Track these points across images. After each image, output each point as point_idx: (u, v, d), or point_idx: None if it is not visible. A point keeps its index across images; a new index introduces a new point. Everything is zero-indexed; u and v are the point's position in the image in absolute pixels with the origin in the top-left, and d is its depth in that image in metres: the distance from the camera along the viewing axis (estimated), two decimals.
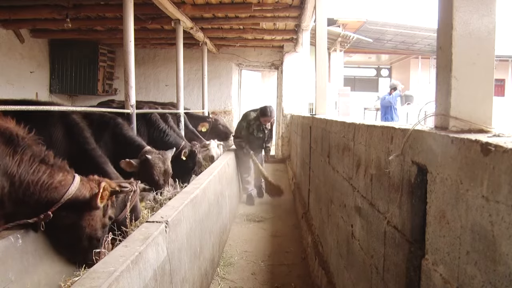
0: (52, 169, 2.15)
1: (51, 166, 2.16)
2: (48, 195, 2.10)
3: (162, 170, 3.60)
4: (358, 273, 1.91)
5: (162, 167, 3.60)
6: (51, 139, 2.98)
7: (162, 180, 3.62)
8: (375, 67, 20.05)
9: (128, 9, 4.03)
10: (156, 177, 3.54)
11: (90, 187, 2.27)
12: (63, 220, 2.17)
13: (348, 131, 2.22)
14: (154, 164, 3.53)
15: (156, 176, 3.54)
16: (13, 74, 8.13)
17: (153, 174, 3.52)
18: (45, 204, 2.10)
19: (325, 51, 4.88)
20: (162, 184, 3.63)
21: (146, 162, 3.49)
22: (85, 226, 2.25)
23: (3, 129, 2.08)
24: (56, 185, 2.13)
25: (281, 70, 9.87)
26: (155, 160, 3.55)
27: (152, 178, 3.50)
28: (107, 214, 2.37)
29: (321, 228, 3.22)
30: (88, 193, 2.24)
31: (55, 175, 2.14)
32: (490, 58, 1.11)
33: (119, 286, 1.45)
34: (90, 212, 2.25)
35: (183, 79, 6.39)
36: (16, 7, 6.47)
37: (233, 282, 3.21)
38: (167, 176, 3.68)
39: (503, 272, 0.77)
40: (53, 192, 2.11)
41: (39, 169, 2.10)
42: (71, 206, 2.16)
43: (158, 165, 3.56)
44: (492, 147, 0.80)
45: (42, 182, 2.08)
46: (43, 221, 2.08)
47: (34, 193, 2.06)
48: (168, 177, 3.73)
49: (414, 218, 1.21)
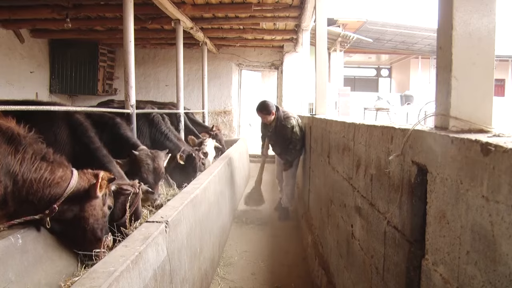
0: (52, 166, 2.21)
1: (52, 163, 2.21)
2: (51, 191, 2.16)
3: (151, 167, 3.47)
4: (358, 273, 1.91)
5: (151, 165, 3.47)
6: (55, 139, 2.99)
7: (151, 179, 3.48)
8: (375, 67, 20.05)
9: (128, 9, 4.03)
10: (144, 174, 3.41)
11: (88, 179, 2.35)
12: (66, 213, 2.26)
13: (348, 131, 2.22)
14: (142, 161, 3.41)
15: (144, 173, 3.41)
16: (13, 74, 8.13)
17: (141, 171, 3.40)
18: (48, 200, 2.15)
19: (325, 51, 4.88)
20: (153, 183, 3.50)
21: (134, 159, 3.39)
22: (88, 216, 2.34)
23: (5, 128, 2.09)
24: (58, 180, 2.20)
25: (281, 70, 9.87)
26: (142, 156, 3.43)
27: (140, 176, 3.37)
28: (106, 203, 2.48)
29: (321, 228, 3.22)
30: (87, 185, 2.33)
31: (56, 171, 2.20)
32: (490, 58, 1.11)
33: (119, 286, 1.45)
34: (91, 202, 2.35)
35: (183, 79, 6.39)
36: (16, 7, 6.47)
37: (233, 282, 3.21)
38: (157, 175, 3.54)
39: (503, 272, 0.77)
40: (55, 188, 2.18)
41: (41, 167, 2.14)
42: (72, 199, 2.25)
43: (146, 162, 3.44)
44: (492, 147, 0.80)
45: (45, 179, 2.14)
46: (49, 217, 2.15)
47: (37, 191, 2.11)
48: (159, 176, 3.59)
49: (414, 218, 1.21)
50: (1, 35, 7.73)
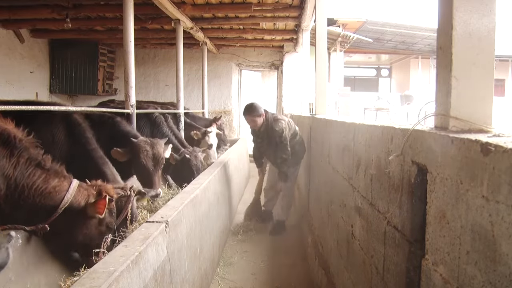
0: (47, 174, 2.10)
1: (47, 171, 2.11)
2: (42, 200, 2.04)
3: (150, 154, 3.49)
4: (358, 273, 1.91)
5: (150, 151, 3.49)
6: (53, 139, 2.99)
7: (151, 165, 3.49)
8: (375, 67, 20.05)
9: (128, 9, 4.03)
10: (143, 160, 3.43)
11: (87, 194, 2.19)
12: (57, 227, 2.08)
13: (348, 131, 2.22)
14: (140, 147, 3.43)
15: (143, 159, 3.43)
16: (13, 74, 8.12)
17: (140, 157, 3.42)
18: (40, 210, 2.04)
19: (325, 51, 4.87)
20: (152, 170, 3.50)
21: (133, 147, 3.42)
22: (79, 235, 2.17)
23: (1, 130, 2.06)
24: (50, 190, 2.07)
25: (281, 70, 9.87)
26: (140, 143, 3.46)
27: (140, 163, 3.41)
28: (104, 222, 2.26)
29: (321, 228, 3.22)
30: (83, 201, 2.15)
31: (50, 180, 2.09)
32: (490, 58, 1.11)
33: (119, 286, 1.45)
34: (85, 221, 2.17)
35: (183, 79, 6.39)
36: (16, 7, 6.47)
37: (233, 282, 3.21)
38: (156, 162, 3.55)
39: (503, 272, 0.77)
40: (47, 198, 2.05)
41: (34, 173, 2.05)
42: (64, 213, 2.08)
43: (145, 148, 3.46)
44: (492, 147, 0.80)
45: (37, 186, 2.03)
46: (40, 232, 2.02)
47: (28, 197, 2.01)
48: (159, 163, 3.59)
49: (414, 218, 1.21)
50: (1, 35, 7.73)
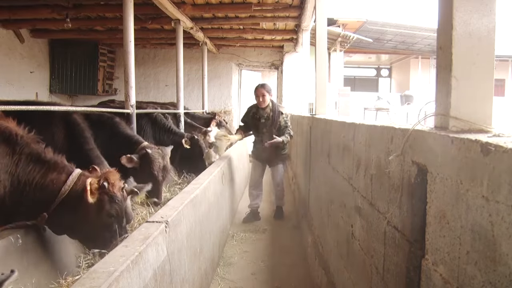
0: (46, 168, 2.15)
1: (46, 164, 2.16)
2: (41, 194, 2.10)
3: (162, 165, 3.57)
4: (358, 273, 1.91)
5: (162, 163, 3.58)
6: (53, 138, 3.01)
7: (161, 176, 3.58)
8: (375, 67, 20.05)
9: (128, 9, 4.03)
10: (155, 172, 3.51)
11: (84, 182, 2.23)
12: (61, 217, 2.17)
13: (348, 131, 2.22)
14: (154, 159, 3.50)
15: (155, 171, 3.51)
16: (13, 74, 8.13)
17: (153, 169, 3.49)
18: (40, 203, 2.10)
19: (325, 51, 4.87)
20: (161, 180, 3.59)
21: (146, 157, 3.46)
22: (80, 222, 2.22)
23: (3, 128, 2.09)
24: (48, 183, 2.13)
25: (281, 70, 9.87)
26: (154, 155, 3.52)
27: (151, 173, 3.48)
28: (104, 210, 2.26)
29: (321, 228, 3.21)
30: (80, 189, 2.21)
31: (48, 174, 2.15)
32: (490, 58, 1.11)
33: (119, 286, 1.45)
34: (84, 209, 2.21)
35: (183, 79, 6.39)
36: (16, 7, 6.47)
37: (233, 282, 3.20)
38: (165, 173, 3.66)
39: (503, 272, 0.77)
40: (45, 192, 2.11)
41: (34, 169, 2.11)
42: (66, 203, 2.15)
43: (158, 160, 3.54)
44: (492, 147, 0.80)
45: (37, 182, 2.10)
46: (41, 223, 2.09)
47: (29, 193, 2.08)
48: (167, 174, 3.71)
49: (414, 218, 1.21)
50: (1, 35, 7.73)
